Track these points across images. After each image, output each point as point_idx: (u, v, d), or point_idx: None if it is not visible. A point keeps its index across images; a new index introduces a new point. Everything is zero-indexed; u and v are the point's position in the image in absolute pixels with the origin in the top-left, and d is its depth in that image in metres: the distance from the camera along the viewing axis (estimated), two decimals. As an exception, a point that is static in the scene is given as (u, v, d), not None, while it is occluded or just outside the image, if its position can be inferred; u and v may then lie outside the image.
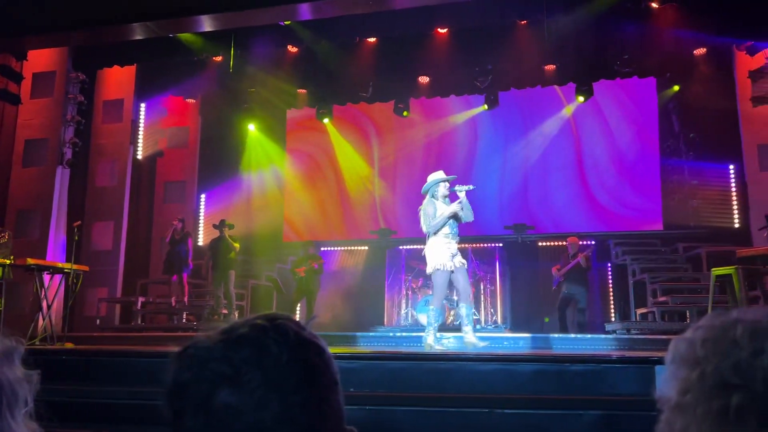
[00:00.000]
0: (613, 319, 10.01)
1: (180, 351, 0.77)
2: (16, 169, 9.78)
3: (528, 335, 7.42)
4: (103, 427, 3.72)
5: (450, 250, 5.72)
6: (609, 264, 10.56)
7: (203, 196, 12.22)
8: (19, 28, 8.35)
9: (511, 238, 11.07)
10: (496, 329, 9.71)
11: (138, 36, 8.74)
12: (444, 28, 9.36)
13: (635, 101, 11.19)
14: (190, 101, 11.90)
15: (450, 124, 12.05)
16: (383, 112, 11.67)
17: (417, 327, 9.52)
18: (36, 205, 9.54)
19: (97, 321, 9.70)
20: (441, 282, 5.72)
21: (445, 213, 5.71)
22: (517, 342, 7.17)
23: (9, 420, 0.82)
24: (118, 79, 10.76)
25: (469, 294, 5.91)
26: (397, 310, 10.74)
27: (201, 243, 11.71)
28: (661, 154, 10.75)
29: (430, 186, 5.94)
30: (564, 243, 9.70)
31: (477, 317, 10.11)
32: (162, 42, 9.28)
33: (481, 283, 10.33)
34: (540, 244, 10.95)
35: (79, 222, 7.71)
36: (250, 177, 12.32)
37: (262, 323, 0.78)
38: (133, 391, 3.89)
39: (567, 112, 11.44)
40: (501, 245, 11.12)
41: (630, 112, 11.22)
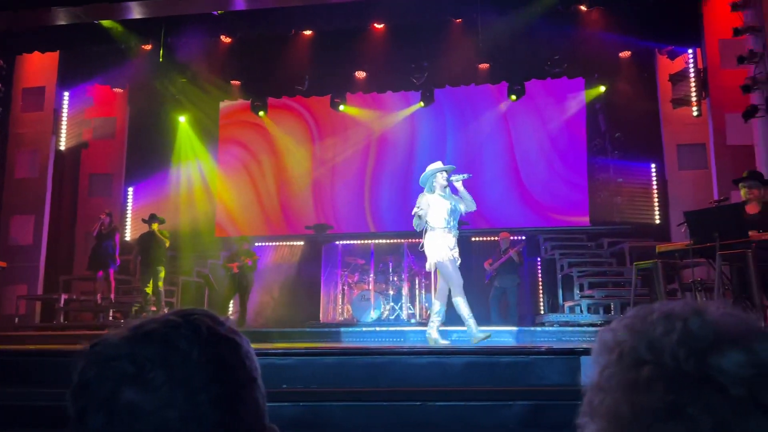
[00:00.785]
0: (543, 312, 10.32)
1: (87, 348, 0.75)
2: (-76, 160, 9.15)
3: (462, 328, 7.55)
4: (21, 432, 3.54)
5: (449, 242, 5.55)
6: (539, 258, 10.88)
7: (131, 189, 11.79)
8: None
9: (446, 233, 11.23)
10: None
11: (61, 21, 8.34)
12: (380, 23, 9.39)
13: (565, 101, 11.57)
14: (117, 91, 11.45)
15: (389, 120, 12.09)
16: (323, 105, 11.60)
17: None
18: (-53, 198, 8.97)
19: (16, 319, 9.22)
20: (450, 272, 5.53)
21: (423, 214, 5.54)
22: (450, 335, 7.28)
23: None
24: (39, 66, 10.24)
25: (461, 287, 5.66)
26: (333, 305, 10.72)
27: (128, 238, 11.31)
28: (589, 152, 11.16)
29: (427, 177, 5.73)
30: (496, 238, 9.92)
31: (412, 311, 10.22)
32: (88, 28, 8.89)
33: (416, 278, 10.44)
34: (473, 239, 11.16)
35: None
36: (181, 170, 11.97)
37: (174, 319, 0.76)
38: (54, 393, 3.72)
39: (501, 109, 11.69)
40: (436, 240, 11.26)
41: (560, 111, 11.58)
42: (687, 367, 0.59)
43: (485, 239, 11.02)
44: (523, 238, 10.57)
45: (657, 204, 10.46)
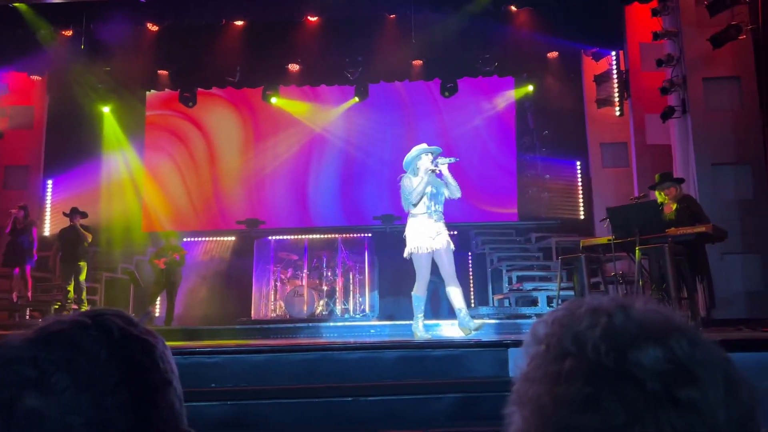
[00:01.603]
0: (473, 306, 10.53)
1: None
2: None
3: (395, 323, 7.61)
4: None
5: (429, 229, 5.21)
6: (470, 253, 11.08)
7: (50, 182, 11.21)
8: None
9: (380, 228, 11.28)
10: (364, 318, 9.86)
11: (-29, 2, 7.81)
12: (315, 16, 9.29)
13: (496, 99, 11.82)
14: (35, 78, 10.84)
15: (324, 114, 12.01)
16: (256, 98, 11.38)
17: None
18: None
19: None
20: (420, 265, 5.22)
21: (419, 187, 5.16)
22: (384, 330, 7.33)
23: None
24: (-54, 50, 9.57)
25: (455, 277, 5.38)
26: (266, 302, 10.56)
27: (47, 233, 10.76)
28: (518, 149, 11.46)
29: (411, 159, 5.37)
30: (429, 233, 10.03)
31: (346, 307, 10.21)
32: (1, 11, 8.37)
33: (350, 273, 10.44)
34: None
35: None
36: (104, 162, 11.48)
37: (82, 320, 0.72)
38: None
39: (435, 106, 11.82)
40: (370, 235, 11.30)
41: (491, 109, 11.82)
42: (607, 361, 0.60)
43: (418, 234, 11.12)
44: (455, 233, 10.72)
45: (582, 200, 10.86)
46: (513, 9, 9.27)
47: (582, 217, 10.79)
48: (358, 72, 9.98)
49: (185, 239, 10.80)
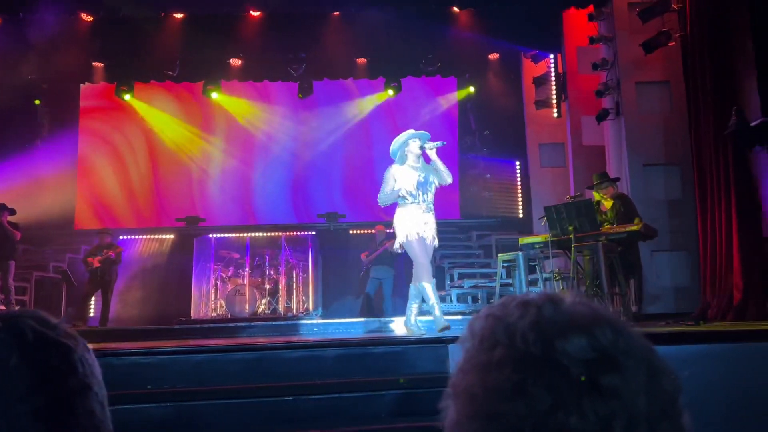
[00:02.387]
0: (416, 303, 10.63)
1: None
2: None
3: (339, 321, 7.60)
4: None
5: (418, 219, 4.94)
6: (413, 251, 11.16)
7: (-24, 176, 10.64)
8: None
9: (324, 226, 11.24)
10: (307, 316, 9.80)
11: None
12: (257, 10, 9.15)
13: (439, 99, 11.96)
14: (-42, 67, 10.25)
15: (268, 110, 11.85)
16: (197, 92, 11.11)
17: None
18: None
19: None
20: (415, 252, 4.89)
21: (391, 192, 4.92)
22: (328, 328, 7.30)
23: None
24: None
25: (431, 272, 5.04)
26: (206, 301, 10.34)
27: (-28, 231, 10.20)
28: (460, 149, 11.63)
29: (399, 146, 5.05)
30: (373, 231, 10.07)
31: (289, 305, 10.12)
32: None
33: (294, 271, 10.35)
34: (351, 232, 11.25)
35: None
36: (35, 157, 10.98)
37: None
38: None
39: (380, 104, 11.85)
40: (314, 233, 11.24)
41: (434, 108, 11.96)
42: (534, 350, 0.62)
43: (362, 232, 11.15)
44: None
45: (521, 199, 11.13)
46: (456, 10, 9.39)
47: (521, 216, 11.05)
48: (301, 68, 9.90)
49: (121, 237, 10.46)
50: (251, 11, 9.13)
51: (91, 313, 9.64)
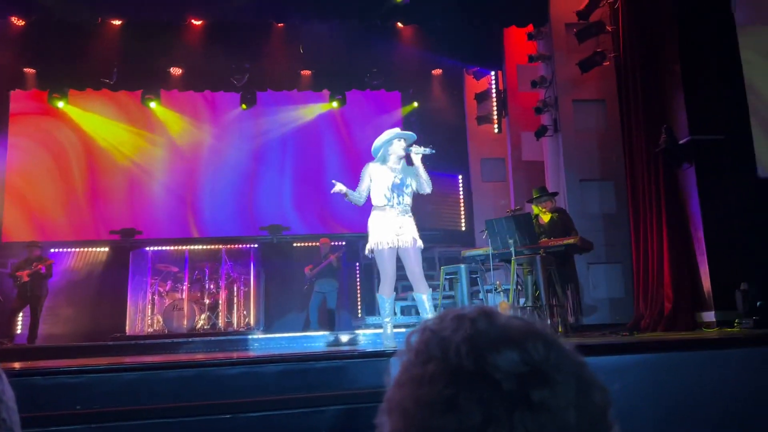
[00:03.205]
0: (360, 316, 10.60)
1: None
2: None
3: (281, 335, 7.49)
4: None
5: (391, 223, 4.67)
6: (357, 263, 11.16)
7: None
8: None
9: (267, 239, 11.08)
10: (249, 331, 9.60)
11: None
12: (199, 19, 9.00)
13: (383, 112, 12.03)
14: None
15: (212, 120, 11.64)
16: (136, 101, 10.81)
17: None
18: None
19: None
20: (382, 262, 4.67)
21: (362, 189, 4.74)
22: (269, 343, 7.19)
23: None
24: None
25: (423, 280, 4.79)
26: (142, 316, 9.99)
27: None
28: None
29: (381, 144, 4.78)
30: (317, 244, 10.00)
31: (229, 320, 9.90)
32: None
33: (235, 285, 10.14)
34: (295, 244, 11.13)
35: None
36: (-41, 166, 10.41)
37: None
38: None
39: (325, 116, 11.82)
40: (256, 246, 11.06)
41: (379, 122, 12.01)
42: (467, 364, 0.62)
43: (307, 245, 11.05)
44: (344, 243, 10.77)
45: (463, 212, 11.29)
46: (400, 26, 9.50)
47: (464, 229, 11.21)
48: (244, 79, 9.78)
49: (52, 250, 10.01)
50: (193, 20, 8.97)
51: (19, 330, 9.17)
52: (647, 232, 7.16)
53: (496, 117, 10.50)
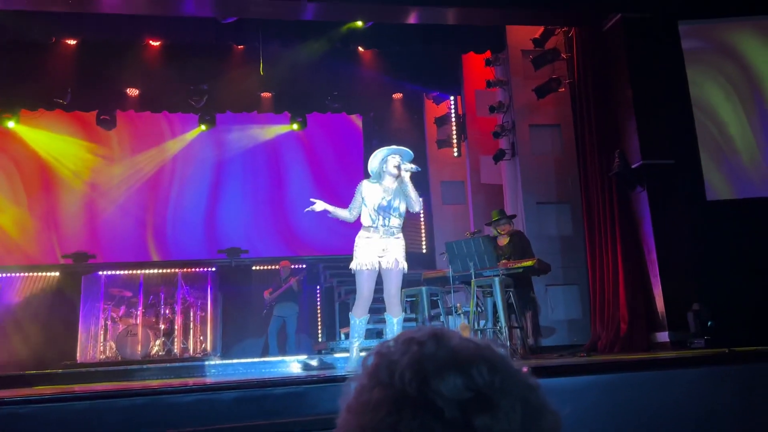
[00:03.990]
0: (320, 340, 10.47)
1: None
2: None
3: (238, 361, 7.33)
4: None
5: (374, 245, 4.63)
6: (318, 286, 11.06)
7: None
8: None
9: (225, 262, 10.89)
10: (205, 357, 9.37)
11: None
12: (156, 40, 8.90)
13: (345, 135, 12.07)
14: None
15: (170, 141, 11.47)
16: (90, 121, 10.57)
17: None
18: None
19: None
20: (359, 283, 4.67)
21: (350, 211, 4.75)
22: (226, 369, 7.02)
23: None
24: None
25: (397, 304, 4.83)
26: (94, 343, 9.64)
27: None
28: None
29: (378, 163, 4.69)
30: (277, 267, 9.87)
31: (185, 346, 9.66)
32: None
33: (191, 310, 9.91)
34: (254, 268, 10.98)
35: None
36: None
37: None
38: None
39: (285, 137, 11.78)
40: (214, 269, 10.86)
41: (340, 144, 12.05)
42: (410, 390, 0.61)
43: (266, 268, 10.91)
44: (304, 266, 10.67)
45: (424, 234, 11.34)
46: (361, 50, 9.58)
47: (425, 251, 11.24)
48: (203, 100, 9.68)
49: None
50: (150, 40, 8.87)
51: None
52: (603, 254, 7.31)
53: (455, 141, 10.64)
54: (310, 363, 6.75)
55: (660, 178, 6.88)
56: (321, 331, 10.90)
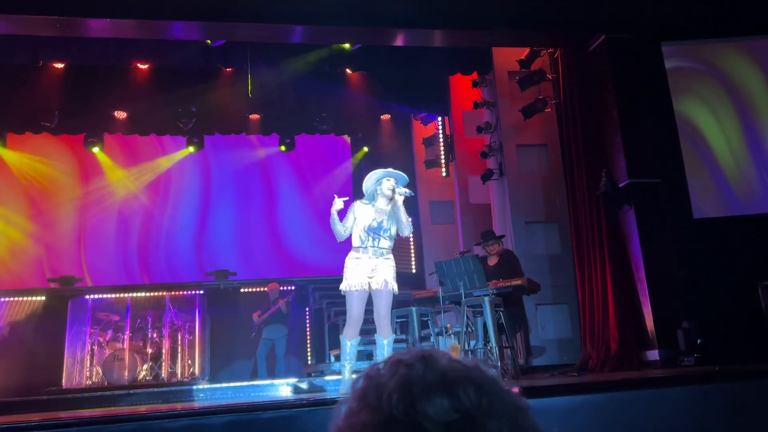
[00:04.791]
0: (310, 362, 10.38)
1: None
2: None
3: (227, 385, 7.23)
4: None
5: (364, 266, 4.60)
6: (307, 308, 10.99)
7: None
8: None
9: (213, 284, 10.81)
10: (193, 382, 9.25)
11: None
12: (144, 63, 8.92)
13: (333, 156, 12.10)
14: None
15: (158, 163, 11.44)
16: (79, 144, 10.53)
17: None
18: None
19: None
20: (349, 304, 4.66)
21: (343, 225, 4.63)
22: (215, 393, 6.93)
23: None
24: None
25: (387, 325, 4.80)
26: (80, 368, 9.49)
27: None
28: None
29: (372, 184, 4.66)
30: (266, 289, 9.81)
31: (173, 370, 9.53)
32: None
33: (179, 333, 9.79)
34: (242, 290, 10.90)
35: None
36: None
37: None
38: None
39: (273, 160, 11.79)
40: (202, 292, 10.77)
41: (329, 166, 12.07)
42: (397, 412, 0.60)
43: (255, 290, 10.83)
44: (293, 288, 10.60)
45: (413, 254, 11.33)
46: (349, 72, 9.65)
47: (414, 271, 11.23)
48: (191, 123, 9.69)
49: (-18, 300, 9.50)
50: (138, 63, 8.89)
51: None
52: (591, 272, 7.33)
53: (443, 161, 10.69)
54: (300, 386, 6.68)
55: (647, 196, 6.94)
56: (310, 354, 10.81)
